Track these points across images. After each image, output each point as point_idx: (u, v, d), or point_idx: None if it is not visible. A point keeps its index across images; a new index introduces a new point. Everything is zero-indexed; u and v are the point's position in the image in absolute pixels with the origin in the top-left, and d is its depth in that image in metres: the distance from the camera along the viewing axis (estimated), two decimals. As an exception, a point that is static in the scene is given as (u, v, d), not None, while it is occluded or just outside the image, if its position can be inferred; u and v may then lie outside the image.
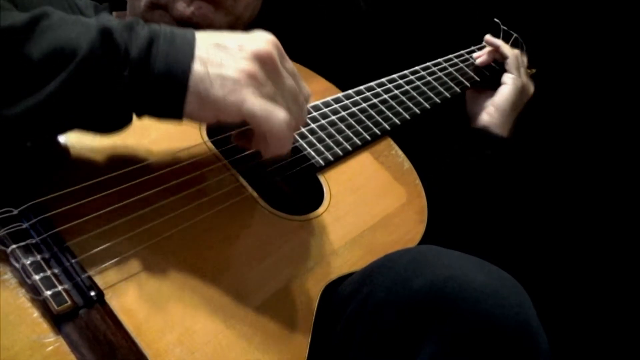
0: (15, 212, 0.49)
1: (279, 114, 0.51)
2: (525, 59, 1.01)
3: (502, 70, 0.94)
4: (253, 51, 0.52)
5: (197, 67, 0.50)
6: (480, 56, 0.97)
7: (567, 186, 1.24)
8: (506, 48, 0.96)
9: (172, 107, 0.51)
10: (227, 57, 0.51)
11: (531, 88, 0.96)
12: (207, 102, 0.50)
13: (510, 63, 0.93)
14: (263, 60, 0.52)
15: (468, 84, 0.92)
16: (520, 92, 0.92)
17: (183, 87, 0.50)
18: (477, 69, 0.95)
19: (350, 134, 0.74)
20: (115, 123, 0.53)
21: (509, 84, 0.92)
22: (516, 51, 0.96)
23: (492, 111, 0.90)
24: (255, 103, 0.50)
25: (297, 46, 0.88)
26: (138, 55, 0.49)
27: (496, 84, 0.93)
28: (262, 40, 0.53)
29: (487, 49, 0.98)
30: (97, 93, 0.49)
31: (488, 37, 0.99)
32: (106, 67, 0.49)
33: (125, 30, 0.50)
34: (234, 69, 0.51)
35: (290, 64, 0.55)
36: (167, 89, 0.50)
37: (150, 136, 0.61)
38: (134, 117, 0.53)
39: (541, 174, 1.24)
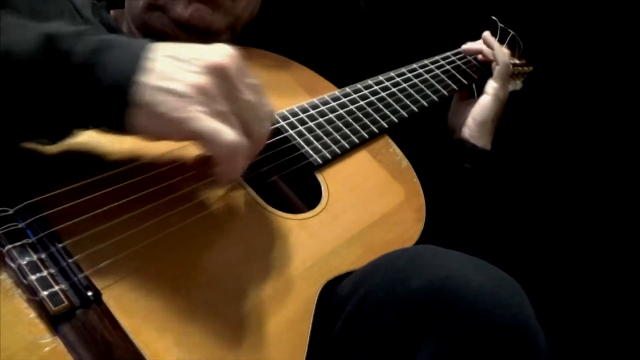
0: (11, 211, 0.48)
1: (227, 135, 0.48)
2: (514, 61, 1.00)
3: (482, 77, 0.93)
4: (208, 63, 0.49)
5: (145, 79, 0.47)
6: (471, 47, 0.95)
7: (566, 185, 1.24)
8: (501, 55, 0.93)
9: (114, 120, 0.49)
10: (178, 70, 0.49)
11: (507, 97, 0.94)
12: (152, 117, 0.48)
13: (498, 71, 0.92)
14: (218, 74, 0.49)
15: (465, 82, 0.92)
16: (501, 103, 0.91)
17: (126, 100, 0.47)
18: (472, 68, 0.95)
19: (348, 132, 0.74)
20: (57, 133, 0.51)
21: (490, 94, 0.90)
22: (509, 61, 0.94)
23: (471, 123, 0.88)
24: (201, 122, 0.47)
25: (297, 46, 0.88)
26: (81, 63, 0.47)
27: (479, 90, 0.92)
28: (220, 53, 0.50)
29: (480, 44, 0.96)
30: (34, 100, 0.47)
31: (487, 34, 0.97)
32: (44, 74, 0.47)
33: (73, 37, 0.48)
34: (183, 82, 0.48)
35: (252, 80, 0.52)
36: (109, 100, 0.48)
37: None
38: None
39: (539, 173, 1.25)
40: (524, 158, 1.22)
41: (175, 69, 0.49)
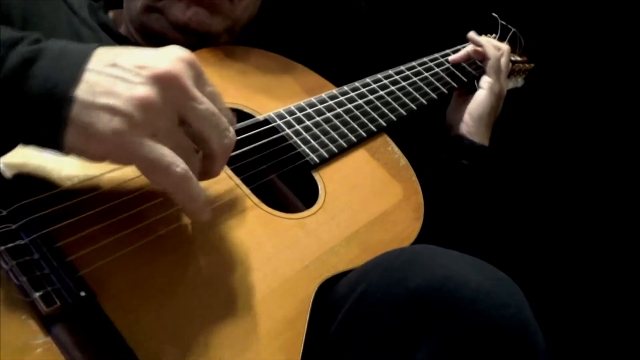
0: (4, 212, 0.48)
1: (171, 161, 0.43)
2: (515, 58, 0.99)
3: (482, 73, 0.92)
4: (154, 73, 0.44)
5: (82, 93, 0.43)
6: (460, 55, 0.93)
7: (566, 183, 1.23)
8: (489, 49, 0.92)
9: (50, 139, 0.44)
10: (120, 82, 0.43)
11: (505, 91, 0.93)
12: (91, 138, 0.43)
13: (489, 66, 0.91)
14: (166, 84, 0.44)
15: (465, 79, 0.91)
16: (497, 97, 0.90)
17: (60, 117, 0.43)
18: (472, 65, 0.94)
19: (345, 131, 0.73)
20: None
21: (484, 88, 0.89)
22: (499, 54, 0.92)
23: (467, 119, 0.87)
24: (144, 148, 0.43)
25: (296, 45, 0.88)
26: (6, 76, 0.43)
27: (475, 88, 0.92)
28: (170, 58, 0.45)
29: (468, 47, 0.94)
30: None
31: (471, 34, 0.95)
32: None
33: (5, 45, 0.44)
34: (126, 97, 0.43)
35: (210, 88, 0.48)
36: (42, 117, 0.43)
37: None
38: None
39: (540, 171, 1.24)
40: (524, 155, 1.21)
41: (115, 81, 0.44)
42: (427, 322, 0.49)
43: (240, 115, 0.70)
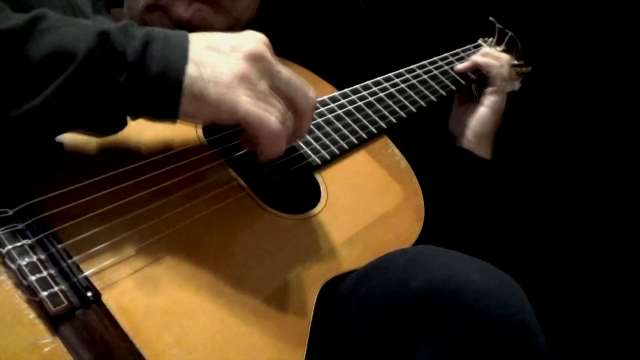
0: (11, 212, 0.49)
1: (271, 116, 0.52)
2: (513, 62, 1.00)
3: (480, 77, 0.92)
4: (245, 51, 0.52)
5: (191, 69, 0.51)
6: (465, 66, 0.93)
7: (564, 184, 1.24)
8: (494, 66, 0.91)
9: (168, 109, 0.52)
10: (220, 59, 0.52)
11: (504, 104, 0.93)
12: (202, 103, 0.51)
13: (491, 81, 0.91)
14: (256, 59, 0.52)
15: (463, 82, 0.92)
16: (498, 114, 0.90)
17: (178, 89, 0.50)
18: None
19: (347, 132, 0.74)
20: (111, 125, 0.54)
21: (485, 105, 0.89)
22: (501, 70, 0.92)
23: (469, 135, 0.88)
24: (249, 105, 0.51)
25: (295, 46, 0.88)
26: (134, 58, 0.50)
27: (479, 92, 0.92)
28: (254, 40, 0.54)
29: (473, 57, 0.94)
30: (95, 95, 0.50)
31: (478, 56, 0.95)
32: (103, 70, 0.49)
33: (121, 32, 0.51)
34: (227, 70, 0.51)
35: (280, 64, 0.56)
36: (162, 91, 0.50)
37: (146, 134, 0.61)
38: (131, 118, 0.54)
39: (538, 173, 1.25)
40: (522, 158, 1.22)
41: (218, 60, 0.52)
42: (428, 322, 0.50)
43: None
